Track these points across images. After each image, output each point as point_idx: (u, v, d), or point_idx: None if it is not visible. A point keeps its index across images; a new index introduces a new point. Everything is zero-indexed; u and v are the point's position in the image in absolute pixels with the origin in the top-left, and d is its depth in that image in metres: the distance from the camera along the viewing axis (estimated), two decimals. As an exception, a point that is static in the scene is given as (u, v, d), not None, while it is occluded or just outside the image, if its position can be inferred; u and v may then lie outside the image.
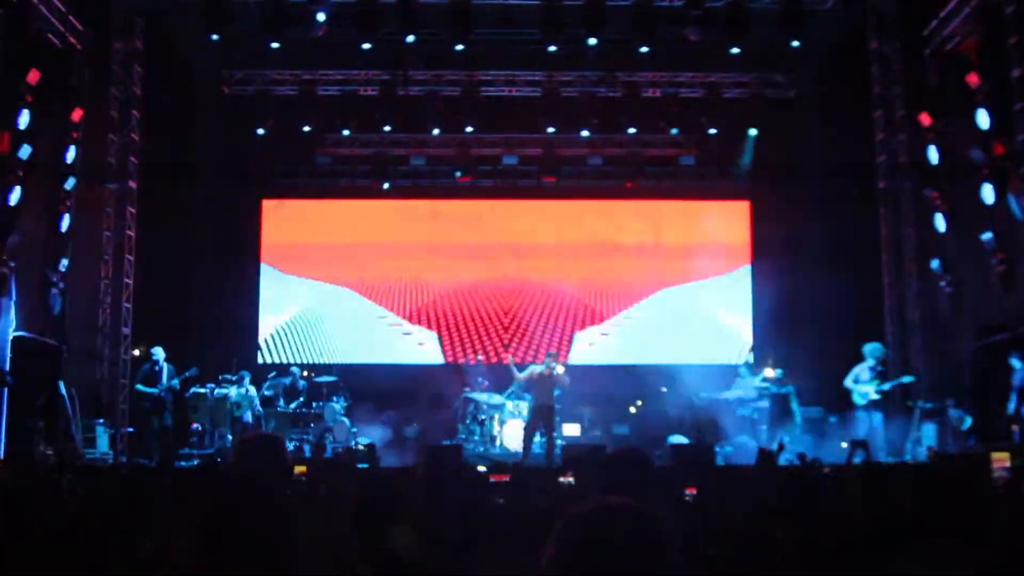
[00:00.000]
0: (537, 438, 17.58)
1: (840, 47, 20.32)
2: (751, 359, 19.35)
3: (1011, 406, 14.64)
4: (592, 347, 23.31)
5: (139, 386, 17.68)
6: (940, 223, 17.56)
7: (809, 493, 5.78)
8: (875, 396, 16.62)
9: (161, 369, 17.72)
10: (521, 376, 18.30)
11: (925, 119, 17.74)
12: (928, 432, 16.32)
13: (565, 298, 23.54)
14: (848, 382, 16.95)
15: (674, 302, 23.52)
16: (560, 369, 17.73)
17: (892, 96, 19.17)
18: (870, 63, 19.41)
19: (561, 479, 9.68)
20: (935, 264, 17.51)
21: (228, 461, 14.71)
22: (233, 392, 18.14)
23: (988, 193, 15.58)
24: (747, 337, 22.78)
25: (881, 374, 16.81)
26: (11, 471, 9.52)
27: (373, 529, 4.37)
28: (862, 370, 16.90)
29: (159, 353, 17.86)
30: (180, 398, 18.20)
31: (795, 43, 19.43)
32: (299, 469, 9.27)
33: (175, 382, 17.71)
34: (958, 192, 17.08)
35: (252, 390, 18.38)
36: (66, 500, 5.86)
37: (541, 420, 17.50)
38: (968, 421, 15.91)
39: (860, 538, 4.48)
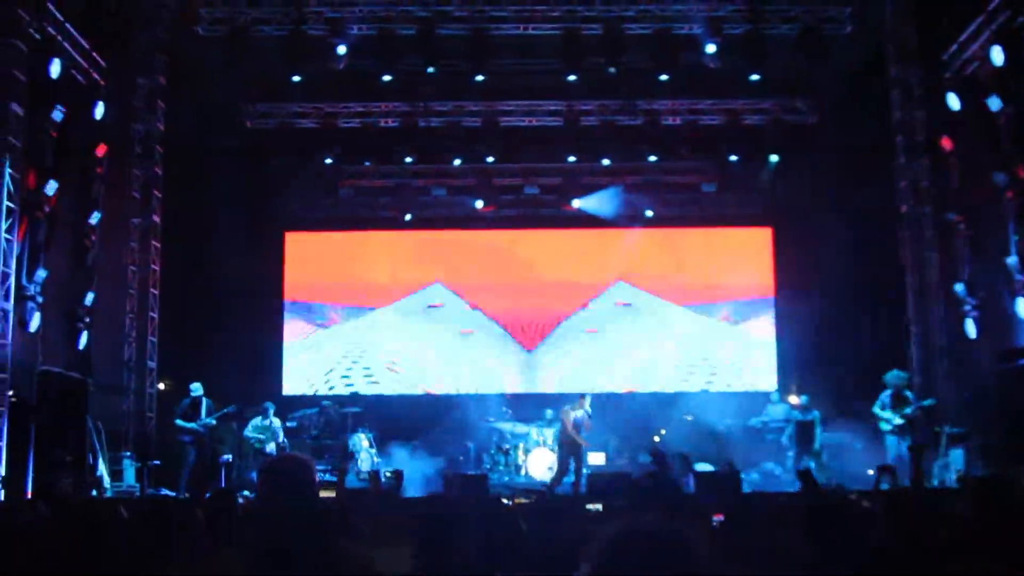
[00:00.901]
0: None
1: (860, 73, 20.27)
2: (777, 386, 19.28)
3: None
4: (614, 375, 23.25)
5: (178, 421, 17.71)
6: (963, 248, 17.49)
7: (836, 518, 5.75)
8: (900, 421, 16.53)
9: (200, 404, 17.77)
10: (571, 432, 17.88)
11: (946, 143, 17.71)
12: (956, 457, 16.21)
13: (584, 325, 23.49)
14: (875, 409, 16.88)
15: (696, 329, 23.48)
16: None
17: (913, 121, 19.10)
18: (890, 88, 19.37)
19: (588, 506, 9.66)
20: (959, 288, 17.43)
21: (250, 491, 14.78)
22: (250, 425, 18.13)
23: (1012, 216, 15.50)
24: (772, 364, 22.70)
25: (902, 400, 16.71)
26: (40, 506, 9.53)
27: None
28: (887, 397, 16.83)
29: (198, 388, 17.90)
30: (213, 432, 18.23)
31: (815, 69, 19.45)
32: (326, 493, 9.27)
33: (211, 419, 17.75)
34: (981, 216, 17.01)
35: (276, 422, 18.37)
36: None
37: (573, 453, 17.42)
38: None
39: (895, 560, 4.45)
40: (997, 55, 15.43)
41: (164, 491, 16.92)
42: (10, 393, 14.59)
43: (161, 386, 19.70)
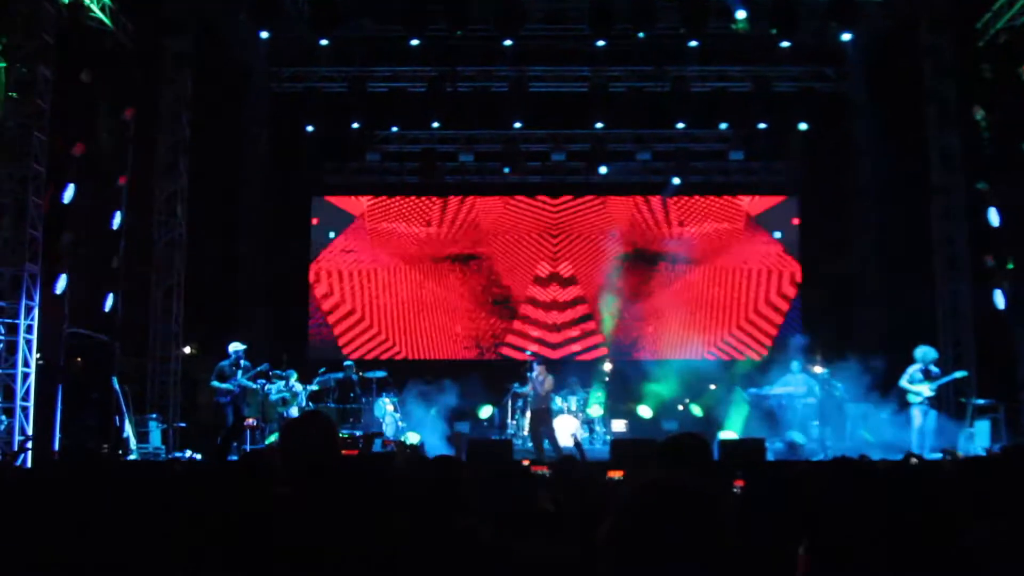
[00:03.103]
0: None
1: (892, 40, 20.06)
2: (800, 357, 19.19)
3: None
4: (640, 343, 23.25)
5: (214, 382, 17.73)
6: (994, 217, 17.34)
7: (861, 488, 5.71)
8: (930, 394, 16.40)
9: (239, 365, 17.80)
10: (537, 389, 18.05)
11: (978, 112, 17.52)
12: (982, 429, 16.13)
13: (608, 293, 23.44)
14: (903, 382, 16.75)
15: (721, 297, 23.42)
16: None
17: (945, 89, 18.90)
18: (922, 56, 19.16)
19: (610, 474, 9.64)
20: (989, 259, 17.30)
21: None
22: (275, 388, 18.16)
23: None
24: (797, 333, 22.62)
25: (930, 375, 16.59)
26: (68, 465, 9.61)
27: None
28: (915, 371, 16.70)
29: (239, 349, 17.84)
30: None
31: (846, 36, 19.26)
32: (348, 452, 9.27)
33: (245, 379, 17.80)
34: (1012, 186, 16.84)
35: (299, 386, 18.41)
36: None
37: (541, 423, 17.50)
38: None
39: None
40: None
41: (190, 453, 17.03)
42: (37, 355, 14.72)
43: (187, 350, 19.79)
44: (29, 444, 14.01)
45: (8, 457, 13.22)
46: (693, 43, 19.44)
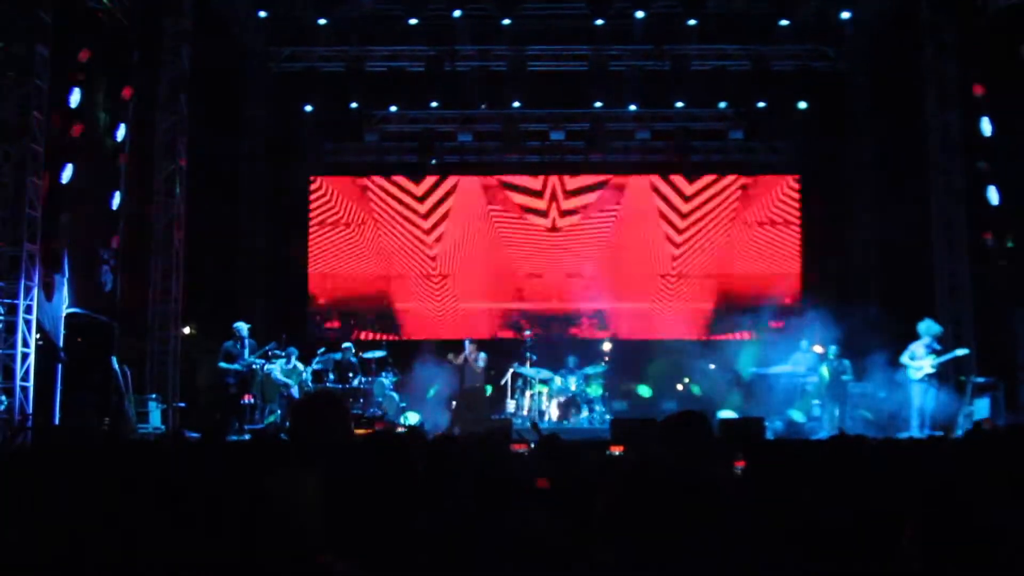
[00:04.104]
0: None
1: (891, 18, 20.01)
2: (808, 334, 19.20)
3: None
4: (638, 321, 23.26)
5: (221, 363, 17.77)
6: (993, 196, 17.33)
7: (857, 466, 5.72)
8: (931, 370, 16.43)
9: (244, 344, 17.85)
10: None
11: (978, 90, 17.48)
12: (981, 406, 16.14)
13: (605, 272, 23.45)
14: (904, 358, 16.77)
15: (722, 277, 23.41)
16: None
17: (944, 67, 18.84)
18: (922, 34, 19.10)
19: (610, 451, 9.67)
20: (988, 238, 17.29)
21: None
22: (278, 367, 18.18)
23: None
24: (798, 311, 22.60)
25: (936, 351, 16.59)
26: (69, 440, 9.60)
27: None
28: (917, 347, 16.71)
29: (243, 328, 17.94)
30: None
31: (845, 14, 19.22)
32: (360, 431, 9.24)
33: (252, 358, 17.83)
34: (1012, 164, 16.82)
35: (300, 366, 18.42)
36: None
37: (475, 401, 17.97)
38: None
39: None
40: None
41: (189, 433, 17.04)
42: (37, 336, 14.72)
43: (186, 330, 19.80)
44: (29, 424, 14.02)
45: (8, 436, 13.24)
46: (692, 22, 19.41)
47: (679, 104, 22.16)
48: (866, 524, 4.55)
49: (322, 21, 19.48)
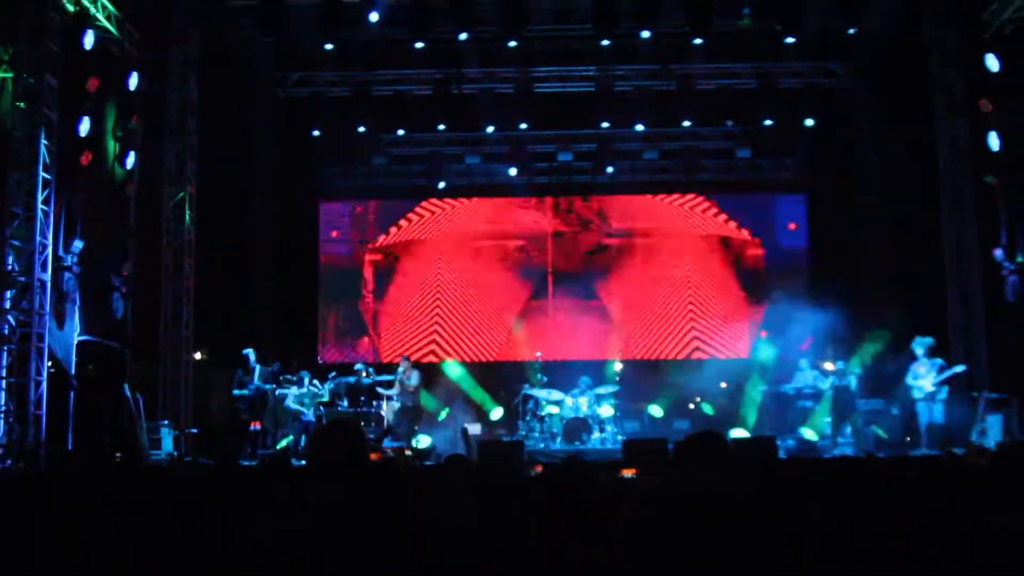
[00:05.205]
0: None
1: (897, 34, 20.01)
2: (809, 352, 19.20)
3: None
4: (647, 342, 23.23)
5: (235, 391, 17.90)
6: (1002, 210, 17.30)
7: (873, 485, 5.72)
8: (931, 389, 16.43)
9: (254, 370, 17.93)
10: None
11: (986, 105, 17.47)
12: (993, 423, 16.07)
13: (616, 292, 23.45)
14: (908, 379, 16.78)
15: (729, 294, 23.40)
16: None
17: (951, 83, 18.84)
18: (928, 49, 19.11)
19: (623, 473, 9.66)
20: (998, 252, 17.25)
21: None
22: (293, 393, 18.18)
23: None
24: (804, 329, 22.56)
25: (939, 368, 16.55)
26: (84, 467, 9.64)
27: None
28: (919, 366, 16.71)
29: (251, 354, 18.08)
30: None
31: (851, 31, 19.24)
32: (375, 456, 9.28)
33: (260, 381, 17.88)
34: (1020, 179, 16.81)
35: (312, 389, 18.38)
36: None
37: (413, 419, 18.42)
38: None
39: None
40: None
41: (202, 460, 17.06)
42: (49, 363, 14.76)
43: (197, 355, 19.84)
44: (42, 451, 14.05)
45: (23, 462, 13.28)
46: (698, 41, 19.43)
47: (686, 123, 22.18)
48: (876, 542, 4.55)
49: (328, 46, 19.55)
